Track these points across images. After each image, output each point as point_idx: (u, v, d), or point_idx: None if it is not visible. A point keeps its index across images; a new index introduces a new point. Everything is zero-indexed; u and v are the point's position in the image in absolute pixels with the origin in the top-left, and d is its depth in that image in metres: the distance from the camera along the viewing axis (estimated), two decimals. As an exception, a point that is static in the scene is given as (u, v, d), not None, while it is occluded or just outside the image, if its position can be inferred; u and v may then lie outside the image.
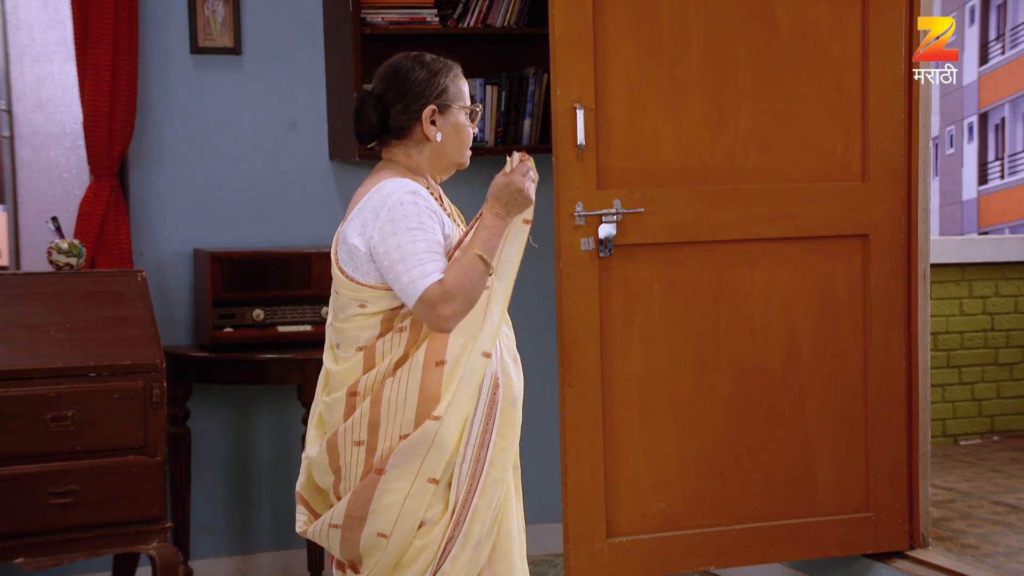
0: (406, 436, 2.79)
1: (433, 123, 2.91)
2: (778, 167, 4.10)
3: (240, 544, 4.89)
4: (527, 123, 4.95)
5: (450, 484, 2.82)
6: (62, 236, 4.33)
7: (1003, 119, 20.91)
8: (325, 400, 2.91)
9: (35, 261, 4.62)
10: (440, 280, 2.75)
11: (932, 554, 4.20)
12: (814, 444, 4.17)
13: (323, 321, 4.58)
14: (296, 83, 4.87)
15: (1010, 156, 20.72)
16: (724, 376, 4.08)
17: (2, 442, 3.82)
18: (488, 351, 2.85)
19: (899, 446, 4.22)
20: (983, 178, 21.28)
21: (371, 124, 2.91)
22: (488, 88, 4.87)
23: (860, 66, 4.13)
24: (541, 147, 4.90)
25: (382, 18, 4.67)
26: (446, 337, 2.81)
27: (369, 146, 2.98)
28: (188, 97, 4.76)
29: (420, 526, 2.80)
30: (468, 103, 2.96)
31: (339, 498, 2.89)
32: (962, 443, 6.19)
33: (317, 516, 2.97)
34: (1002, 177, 20.88)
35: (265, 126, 4.85)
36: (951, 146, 22.18)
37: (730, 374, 4.08)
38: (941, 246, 6.10)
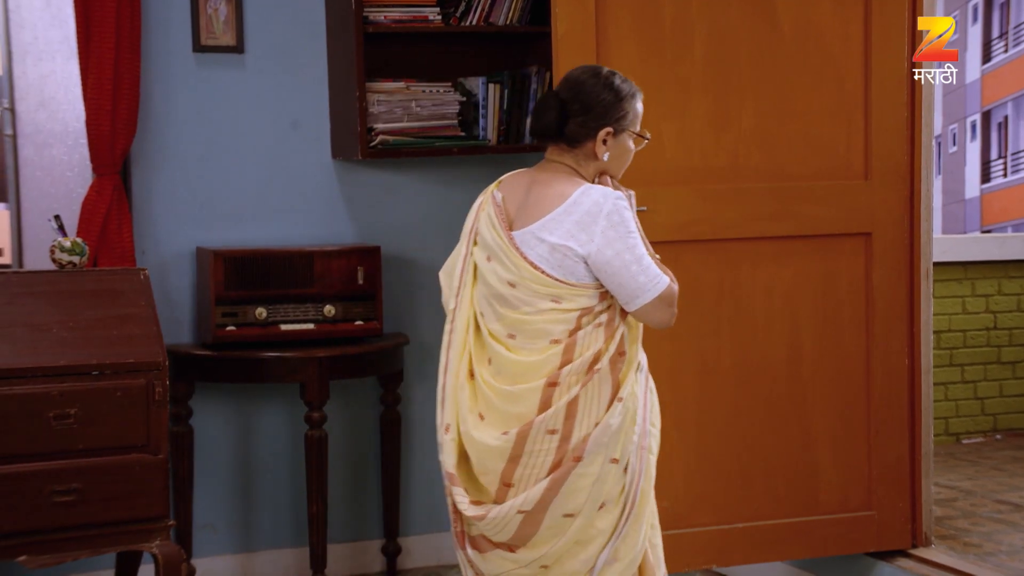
0: (598, 423, 2.95)
1: (604, 142, 3.05)
2: (781, 166, 4.10)
3: (242, 542, 4.89)
4: (529, 121, 4.94)
5: (626, 468, 2.98)
6: (65, 234, 4.32)
7: (1006, 117, 20.92)
8: (506, 389, 2.98)
9: (38, 259, 4.62)
10: (671, 281, 2.99)
11: (935, 552, 4.20)
12: (816, 442, 4.17)
13: (326, 319, 4.58)
14: (298, 81, 4.87)
15: (1013, 154, 20.72)
16: (727, 375, 4.08)
17: (5, 441, 3.82)
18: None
19: (901, 444, 4.21)
20: (986, 176, 21.28)
21: (549, 125, 3.06)
22: (490, 86, 4.87)
23: (862, 65, 4.13)
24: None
25: (384, 16, 4.67)
26: (625, 332, 3.02)
27: (535, 142, 3.10)
28: (190, 96, 4.76)
29: (601, 507, 2.96)
30: (639, 129, 3.10)
31: (507, 484, 2.96)
32: (964, 441, 6.19)
33: (474, 498, 3.03)
34: (1005, 175, 20.88)
35: (267, 124, 4.85)
36: (954, 144, 22.18)
37: (733, 373, 4.08)
38: (944, 244, 6.10)
